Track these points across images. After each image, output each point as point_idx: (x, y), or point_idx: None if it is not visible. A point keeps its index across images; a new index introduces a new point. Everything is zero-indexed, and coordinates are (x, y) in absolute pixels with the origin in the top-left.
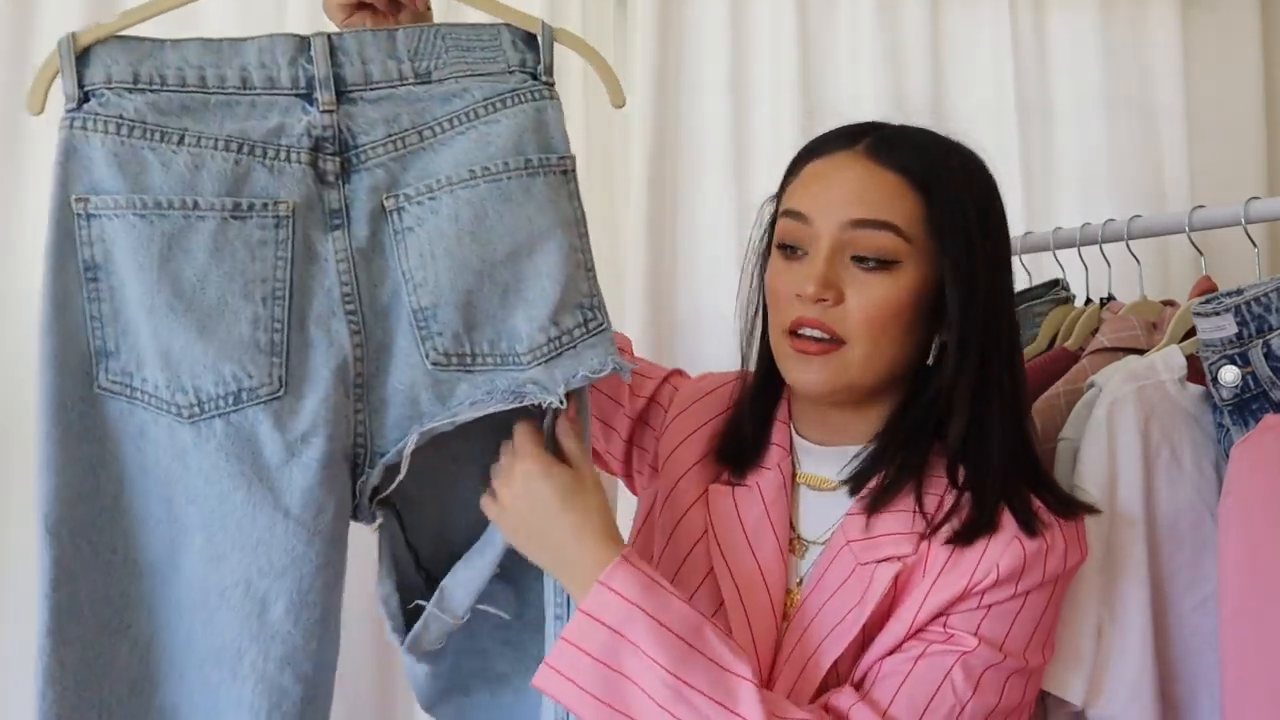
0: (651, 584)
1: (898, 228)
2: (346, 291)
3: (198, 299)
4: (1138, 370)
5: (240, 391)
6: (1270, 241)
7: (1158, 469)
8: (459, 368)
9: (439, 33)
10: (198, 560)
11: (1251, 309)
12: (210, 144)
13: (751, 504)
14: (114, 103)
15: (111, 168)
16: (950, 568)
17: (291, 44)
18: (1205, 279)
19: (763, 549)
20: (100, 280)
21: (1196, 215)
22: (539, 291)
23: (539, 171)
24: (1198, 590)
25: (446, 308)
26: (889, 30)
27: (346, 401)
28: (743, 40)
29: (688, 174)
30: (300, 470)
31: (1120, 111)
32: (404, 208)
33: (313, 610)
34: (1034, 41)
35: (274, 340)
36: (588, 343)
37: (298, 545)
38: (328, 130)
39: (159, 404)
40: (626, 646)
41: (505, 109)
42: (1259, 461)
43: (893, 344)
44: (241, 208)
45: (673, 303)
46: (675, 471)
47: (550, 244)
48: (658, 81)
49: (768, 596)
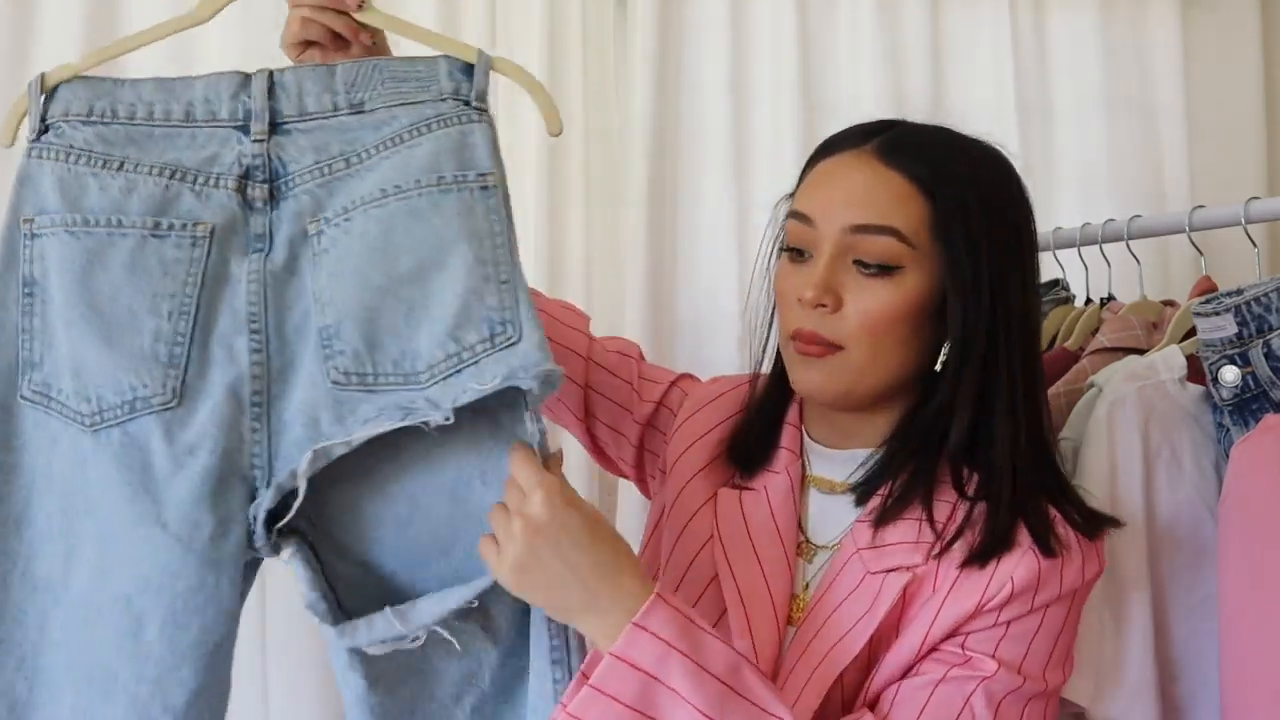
0: (688, 624)
1: (899, 232)
2: (253, 312)
3: (109, 311)
4: (1138, 370)
5: (135, 400)
6: (1270, 241)
7: (1158, 469)
8: (360, 387)
9: (376, 66)
10: (88, 574)
11: (1251, 309)
12: (145, 170)
13: (758, 508)
14: (67, 134)
15: (55, 191)
16: (962, 581)
17: (236, 80)
18: (1205, 279)
19: (767, 553)
20: (35, 295)
21: (1196, 215)
22: (443, 308)
23: (451, 188)
24: (1198, 590)
25: (348, 324)
26: (889, 30)
27: (240, 418)
28: (743, 40)
29: (688, 174)
30: (184, 481)
31: (1120, 111)
32: (323, 230)
33: (186, 632)
34: (1034, 41)
35: (174, 353)
36: (493, 357)
37: (171, 561)
38: (258, 159)
39: (69, 413)
40: (664, 692)
41: (429, 133)
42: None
43: (895, 350)
44: (161, 227)
45: (673, 303)
46: (682, 476)
47: (455, 258)
48: (658, 81)
49: (770, 602)
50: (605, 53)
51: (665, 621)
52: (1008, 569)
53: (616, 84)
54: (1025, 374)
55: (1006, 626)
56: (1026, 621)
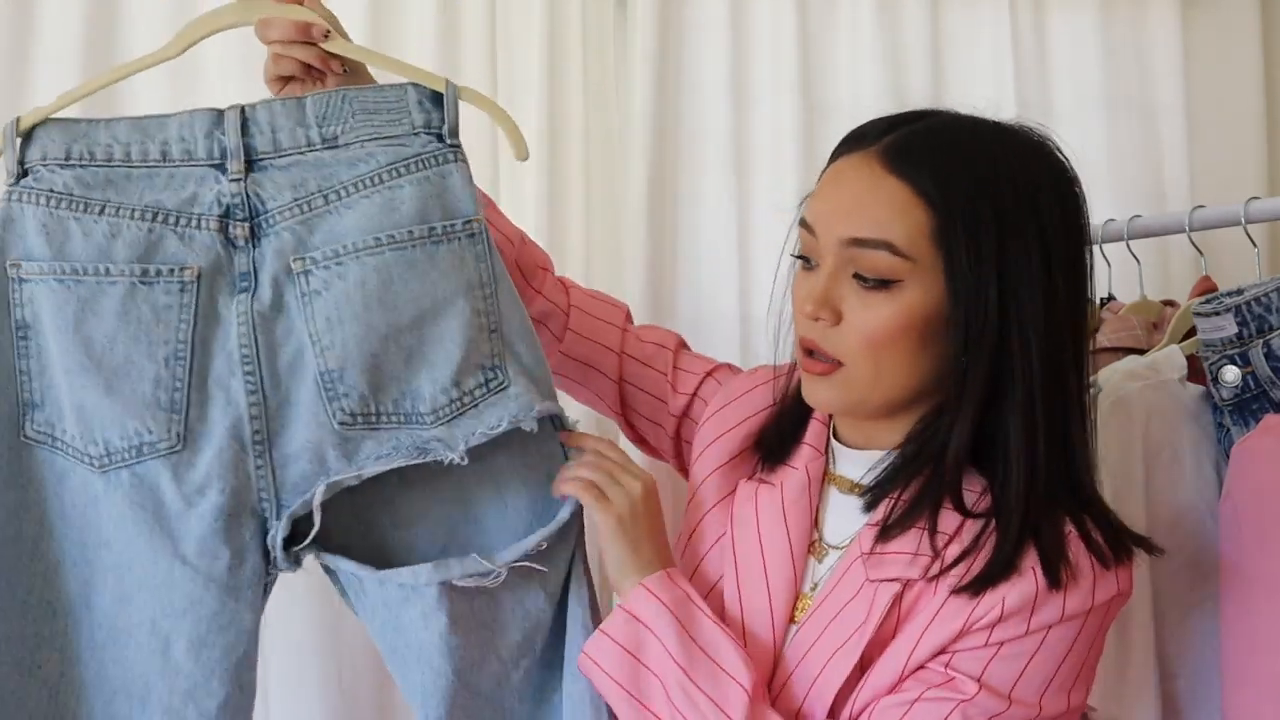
0: (686, 600)
1: (895, 247)
2: (245, 353)
3: (106, 359)
4: (1138, 370)
5: (142, 445)
6: (1270, 241)
7: (1158, 469)
8: (364, 426)
9: (345, 97)
10: (109, 600)
11: (1251, 309)
12: (127, 214)
13: (771, 504)
14: (46, 178)
15: (40, 236)
16: (953, 599)
17: (209, 118)
18: (1205, 279)
19: (773, 550)
20: (30, 339)
21: (1196, 215)
22: (443, 355)
23: (443, 239)
24: (1198, 590)
25: (353, 370)
26: (889, 30)
27: (244, 457)
28: (743, 40)
29: (688, 174)
30: (197, 520)
31: (1120, 111)
32: (311, 270)
33: (212, 650)
34: (1034, 41)
35: (174, 398)
36: (489, 401)
37: (194, 589)
38: (236, 197)
39: (76, 454)
40: (653, 641)
41: (410, 174)
42: (1259, 462)
43: (901, 364)
44: (149, 273)
45: (673, 303)
46: (703, 470)
47: (453, 309)
48: (658, 81)
49: (768, 598)
50: (605, 53)
51: (665, 588)
52: (1001, 589)
53: (616, 84)
54: (1047, 383)
55: (999, 647)
56: (1022, 643)
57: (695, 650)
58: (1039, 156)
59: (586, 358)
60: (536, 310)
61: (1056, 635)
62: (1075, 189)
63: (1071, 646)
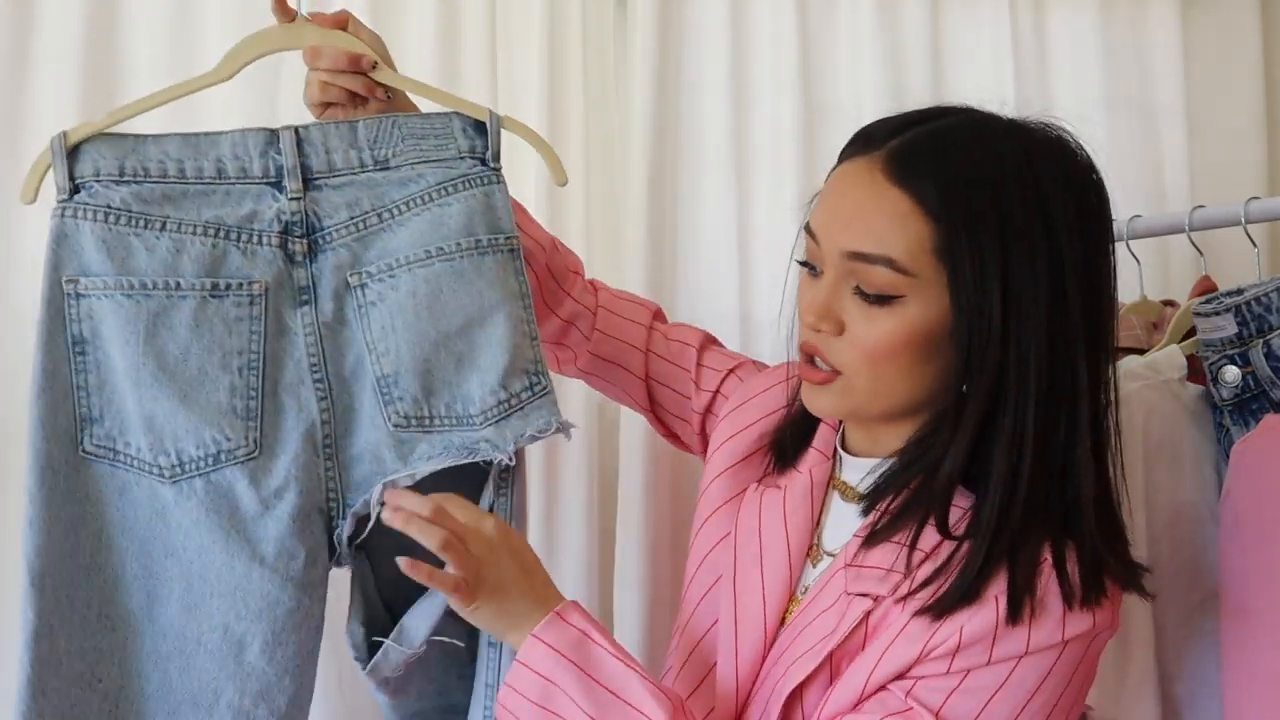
0: (582, 640)
1: (896, 262)
2: (314, 362)
3: (180, 370)
4: (1138, 370)
5: (220, 453)
6: (1270, 241)
7: (1158, 469)
8: (418, 429)
9: (395, 122)
10: (175, 610)
11: (1251, 309)
12: (190, 230)
13: (775, 507)
14: (102, 194)
15: (100, 252)
16: (917, 620)
17: (262, 137)
18: (1205, 279)
19: (771, 552)
20: (87, 354)
21: (1196, 215)
22: (490, 359)
23: (488, 250)
24: (1198, 590)
25: (407, 375)
26: (889, 30)
27: (316, 460)
28: (743, 40)
29: (688, 174)
30: (274, 522)
31: (1120, 111)
32: (366, 284)
33: (286, 648)
34: (1034, 41)
35: (249, 406)
36: (534, 404)
37: (271, 590)
38: (296, 215)
39: (141, 466)
40: (557, 691)
41: (457, 193)
42: (1259, 461)
43: (900, 377)
44: (219, 287)
45: (673, 303)
46: (714, 469)
47: (499, 316)
48: (658, 81)
49: (762, 601)
50: (605, 53)
51: (559, 637)
52: (960, 618)
53: (616, 84)
54: (1044, 402)
55: (963, 676)
56: (985, 674)
57: (601, 694)
58: (1052, 154)
59: (614, 356)
60: (566, 312)
61: (1025, 669)
62: (1094, 186)
63: (1041, 683)
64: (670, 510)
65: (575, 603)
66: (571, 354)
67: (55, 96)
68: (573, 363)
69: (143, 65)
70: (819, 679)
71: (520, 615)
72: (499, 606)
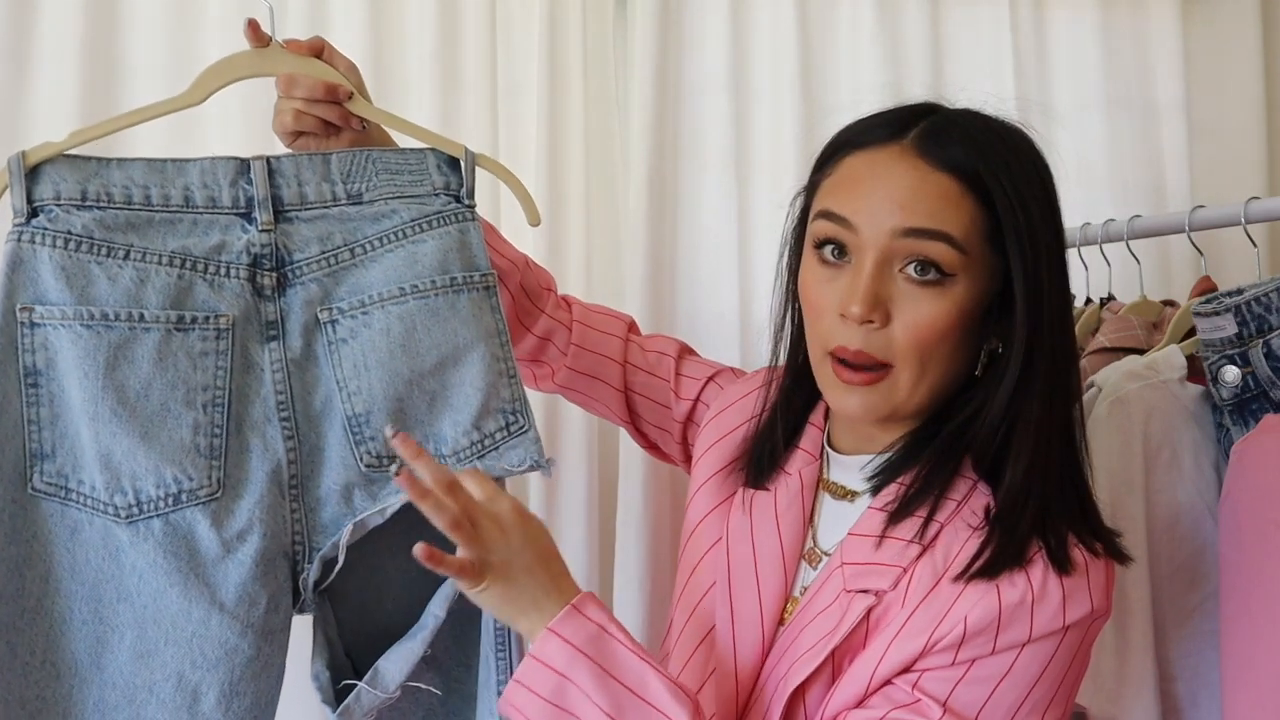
0: (600, 634)
1: (954, 239)
2: (281, 400)
3: (141, 406)
4: (1138, 370)
5: (180, 493)
6: (1270, 241)
7: (1158, 469)
8: (390, 468)
9: (369, 157)
10: (126, 658)
11: (1251, 309)
12: (155, 259)
13: (765, 509)
14: (62, 219)
15: (59, 280)
16: (920, 613)
17: (232, 166)
18: (1205, 279)
19: (765, 555)
20: (40, 386)
21: (1196, 215)
22: (463, 399)
23: (463, 288)
24: (1198, 590)
25: (379, 414)
26: (889, 30)
27: (282, 502)
28: (743, 40)
29: (688, 174)
30: (235, 566)
31: (1120, 111)
32: (337, 320)
33: (243, 699)
34: (1034, 41)
35: (213, 444)
36: (509, 444)
37: (230, 637)
38: (265, 248)
39: (95, 505)
40: (572, 688)
41: (431, 229)
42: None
43: (940, 363)
44: (185, 320)
45: (673, 303)
46: (701, 475)
47: (474, 355)
48: (658, 81)
49: (759, 603)
50: (605, 53)
51: (576, 630)
52: (963, 607)
53: (616, 84)
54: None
55: (968, 666)
56: (990, 663)
57: (620, 692)
58: (1035, 150)
59: (591, 370)
60: (541, 329)
61: (1028, 657)
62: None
63: (1044, 669)
64: (670, 510)
65: (591, 594)
66: (549, 370)
67: (55, 96)
68: (550, 379)
69: (142, 65)
70: (821, 677)
71: (529, 602)
72: (507, 590)
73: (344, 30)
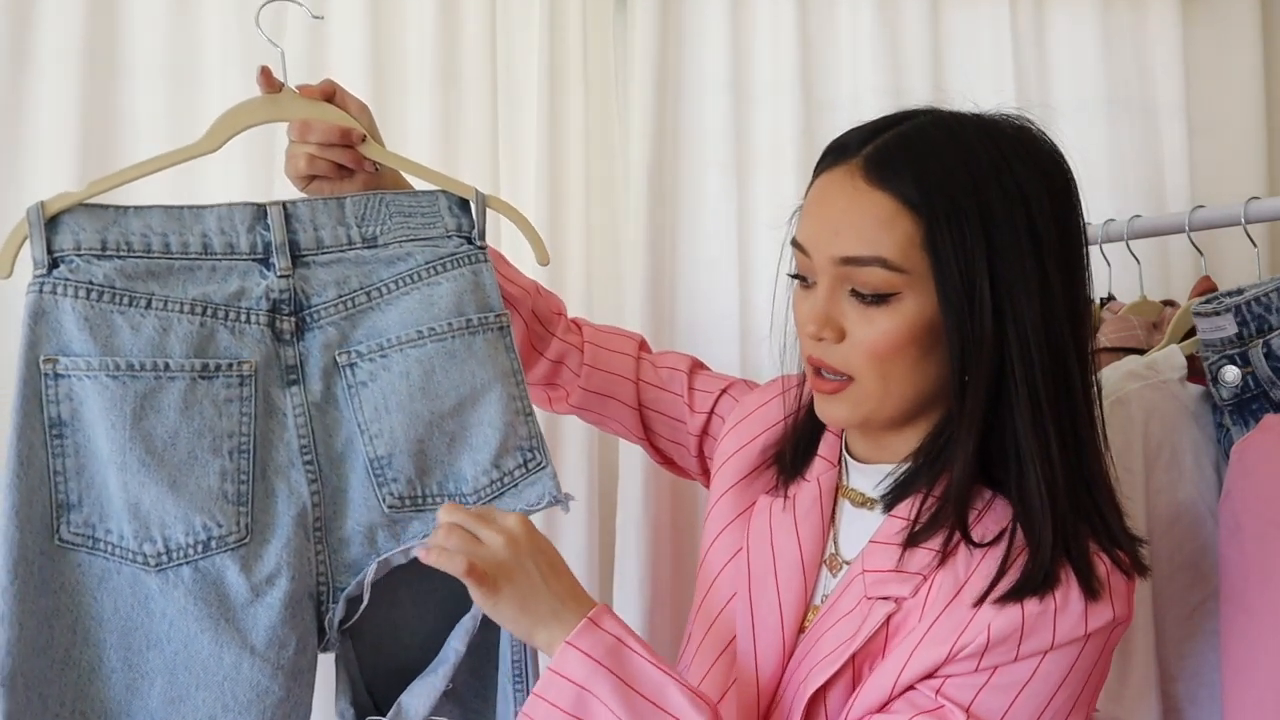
0: (618, 646)
1: (887, 261)
2: (304, 444)
3: (169, 455)
4: (1138, 370)
5: (210, 540)
6: (1270, 241)
7: (1158, 469)
8: (412, 508)
9: (383, 200)
10: (157, 703)
11: (1251, 309)
12: (176, 307)
13: (785, 518)
14: (84, 269)
15: (82, 331)
16: (943, 620)
17: (249, 212)
18: (1205, 279)
19: (785, 562)
20: (66, 437)
21: (1196, 215)
22: (482, 438)
23: (479, 329)
24: (1198, 590)
25: (401, 456)
26: (889, 29)
27: (307, 544)
28: (743, 40)
29: (688, 174)
30: (265, 610)
31: (1120, 111)
32: (356, 363)
33: None
34: (1034, 41)
35: (240, 490)
36: (528, 480)
37: (262, 680)
38: (284, 293)
39: (123, 553)
40: (593, 700)
41: (446, 272)
42: (1259, 461)
43: (908, 374)
44: (209, 368)
45: (673, 304)
46: (720, 486)
47: (492, 395)
48: (658, 81)
49: (779, 611)
50: (605, 53)
51: (595, 643)
52: (987, 615)
53: (616, 84)
54: (1051, 382)
55: (991, 673)
56: (1014, 670)
57: (640, 703)
58: (1021, 142)
59: (604, 389)
60: (554, 352)
61: (1050, 664)
62: (1061, 169)
63: (1066, 676)
64: (670, 510)
65: (606, 606)
66: (564, 392)
67: (55, 96)
68: (565, 400)
69: (142, 65)
70: (841, 682)
71: (548, 613)
72: (524, 601)
73: (344, 30)
